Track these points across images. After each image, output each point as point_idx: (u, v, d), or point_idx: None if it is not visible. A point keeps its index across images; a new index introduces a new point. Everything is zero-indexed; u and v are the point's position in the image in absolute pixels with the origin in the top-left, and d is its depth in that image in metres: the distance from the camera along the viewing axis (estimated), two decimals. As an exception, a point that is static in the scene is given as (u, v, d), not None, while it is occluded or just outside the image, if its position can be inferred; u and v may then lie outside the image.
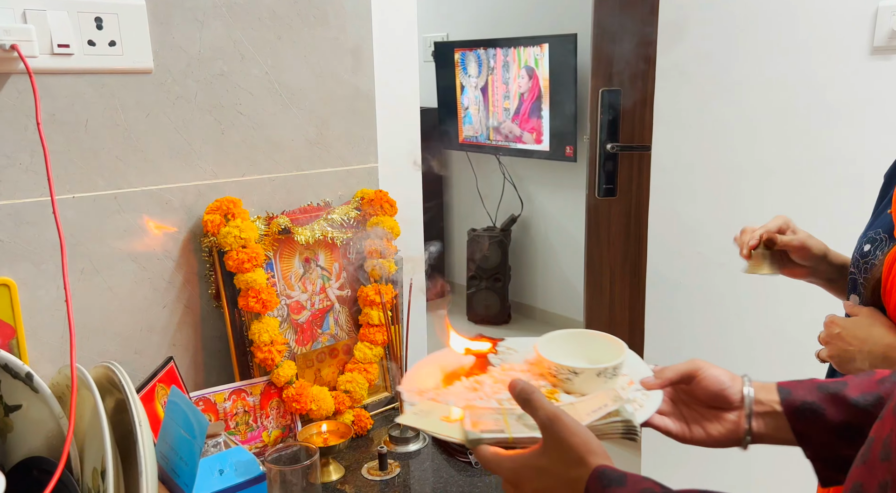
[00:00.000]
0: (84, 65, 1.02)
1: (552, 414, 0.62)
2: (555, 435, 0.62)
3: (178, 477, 0.77)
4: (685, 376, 0.74)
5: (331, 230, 1.27)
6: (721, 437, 0.72)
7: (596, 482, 0.59)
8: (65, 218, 1.03)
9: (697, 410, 0.75)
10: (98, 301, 1.09)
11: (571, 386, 0.77)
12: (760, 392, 0.71)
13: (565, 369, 0.77)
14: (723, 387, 0.72)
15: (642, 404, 0.73)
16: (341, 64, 1.30)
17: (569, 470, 0.61)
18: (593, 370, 0.76)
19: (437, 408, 0.74)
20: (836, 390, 0.67)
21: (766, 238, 0.99)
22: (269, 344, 1.16)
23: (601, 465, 0.60)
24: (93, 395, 0.77)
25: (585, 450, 0.61)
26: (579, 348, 0.83)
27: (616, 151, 2.65)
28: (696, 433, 0.73)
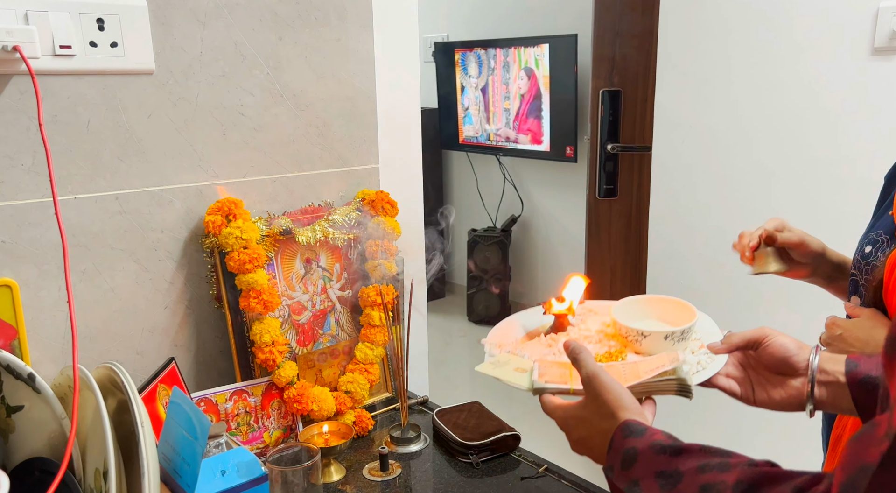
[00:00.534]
0: (86, 66, 1.02)
1: (591, 372, 0.70)
2: (592, 391, 0.70)
3: (180, 478, 0.77)
4: (752, 341, 0.78)
5: (332, 231, 1.27)
6: (783, 401, 0.76)
7: (619, 433, 0.65)
8: (66, 219, 1.03)
9: (763, 375, 0.78)
10: (99, 302, 1.09)
11: (640, 347, 0.84)
12: (827, 362, 0.74)
13: (634, 332, 0.83)
14: (788, 354, 0.75)
15: (705, 366, 0.78)
16: (343, 65, 1.30)
17: (602, 422, 0.68)
18: (661, 334, 0.82)
19: (512, 360, 0.83)
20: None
21: (765, 236, 0.99)
22: (270, 345, 1.16)
23: (629, 419, 0.66)
24: (95, 396, 0.77)
25: (616, 405, 0.68)
26: (655, 313, 0.89)
27: (616, 152, 2.65)
28: (759, 396, 0.77)
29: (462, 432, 1.20)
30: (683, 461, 0.59)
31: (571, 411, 0.72)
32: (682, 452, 0.60)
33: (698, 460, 0.59)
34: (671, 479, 0.59)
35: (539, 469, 1.13)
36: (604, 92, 2.63)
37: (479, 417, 1.25)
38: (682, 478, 0.58)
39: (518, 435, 1.20)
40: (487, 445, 1.17)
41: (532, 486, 1.09)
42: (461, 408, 1.29)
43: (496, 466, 1.15)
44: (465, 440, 1.17)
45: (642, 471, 0.61)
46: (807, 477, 0.50)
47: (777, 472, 0.53)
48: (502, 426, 1.22)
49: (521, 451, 1.19)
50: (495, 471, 1.14)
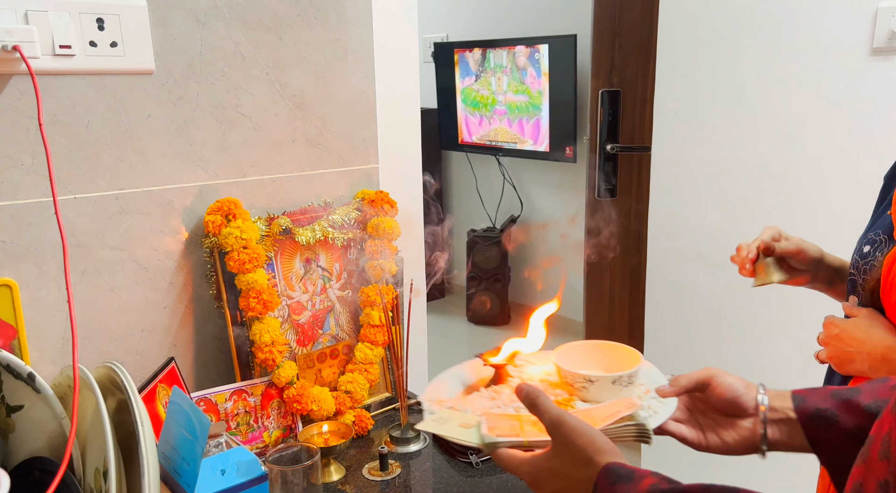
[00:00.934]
0: (86, 66, 1.02)
1: (556, 417, 0.65)
2: (562, 438, 0.64)
3: (180, 477, 0.77)
4: (699, 383, 0.75)
5: (331, 231, 1.27)
6: (736, 444, 0.73)
7: (604, 480, 0.60)
8: (66, 219, 1.04)
9: (712, 417, 0.76)
10: (99, 302, 1.09)
11: (587, 394, 0.80)
12: (775, 400, 0.72)
13: (581, 378, 0.79)
14: (737, 394, 0.73)
15: (657, 411, 0.75)
16: (342, 65, 1.30)
17: (579, 471, 0.63)
18: (608, 379, 0.79)
19: (455, 416, 0.77)
20: (849, 397, 0.68)
21: (763, 247, 0.99)
22: (269, 345, 1.16)
23: (610, 462, 0.61)
24: (95, 395, 0.77)
25: (592, 450, 0.62)
26: (597, 359, 0.86)
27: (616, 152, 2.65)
28: (711, 441, 0.75)
29: (462, 431, 1.20)
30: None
31: (539, 463, 0.66)
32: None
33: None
34: None
35: (539, 469, 1.13)
36: (603, 92, 2.63)
37: (478, 417, 1.25)
38: None
39: (518, 435, 1.20)
40: (487, 445, 1.17)
41: (532, 486, 1.09)
42: (461, 408, 1.29)
43: (496, 466, 1.15)
44: (465, 440, 1.17)
45: None
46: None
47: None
48: (502, 425, 1.22)
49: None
50: (495, 471, 1.14)
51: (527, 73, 3.76)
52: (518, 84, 3.82)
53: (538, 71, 3.65)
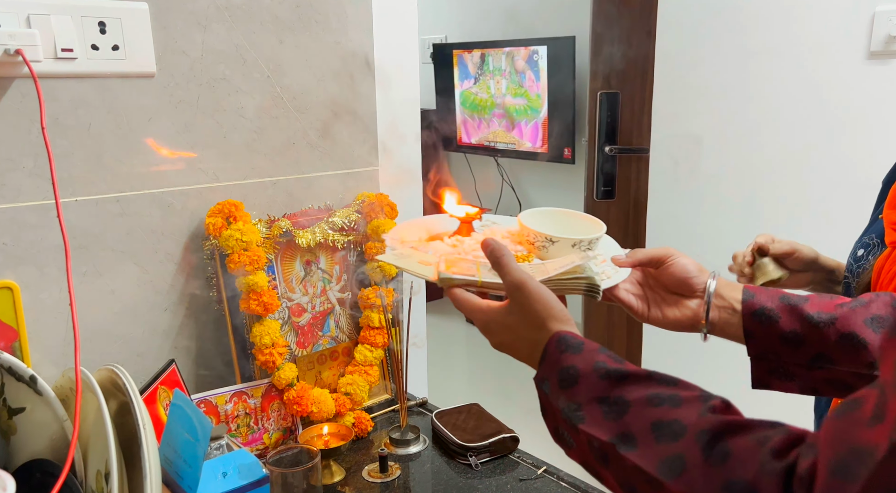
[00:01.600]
0: (87, 69, 1.02)
1: (518, 280, 0.66)
2: (520, 299, 0.66)
3: (182, 480, 0.78)
4: (655, 259, 0.79)
5: (332, 233, 1.27)
6: (675, 320, 0.78)
7: (554, 346, 0.62)
8: (67, 221, 1.04)
9: (660, 294, 0.80)
10: (100, 304, 1.10)
11: (546, 254, 0.82)
12: (725, 288, 0.76)
13: (542, 237, 0.81)
14: (688, 275, 0.77)
15: (609, 276, 0.78)
16: (342, 68, 1.31)
17: (530, 332, 0.65)
18: (569, 240, 0.80)
19: (416, 254, 0.79)
20: (795, 303, 0.72)
21: (757, 248, 1.00)
22: (270, 346, 1.17)
23: (561, 330, 0.63)
24: (97, 397, 0.77)
25: (546, 315, 0.65)
26: (561, 225, 0.87)
27: (614, 154, 2.66)
28: (654, 314, 0.79)
29: (461, 433, 1.21)
30: (630, 389, 0.56)
31: (493, 314, 0.68)
32: (628, 377, 0.57)
33: (647, 389, 0.55)
34: (616, 407, 0.55)
35: (538, 471, 1.14)
36: (602, 94, 2.64)
37: (478, 418, 1.26)
38: (629, 408, 0.55)
39: (517, 437, 1.21)
40: (486, 446, 1.18)
41: (531, 487, 1.10)
42: (460, 410, 1.30)
43: (495, 467, 1.16)
44: (465, 442, 1.18)
45: (584, 395, 0.57)
46: (781, 436, 0.47)
47: (743, 421, 0.50)
48: (501, 427, 1.22)
49: (519, 452, 1.20)
50: (494, 472, 1.14)
51: (525, 77, 3.76)
52: (517, 87, 3.83)
53: (536, 74, 3.66)
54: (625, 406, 0.55)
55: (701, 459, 0.48)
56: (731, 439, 0.48)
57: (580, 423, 0.56)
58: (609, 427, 0.55)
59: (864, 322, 0.68)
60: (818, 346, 0.69)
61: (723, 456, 0.47)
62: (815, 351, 0.70)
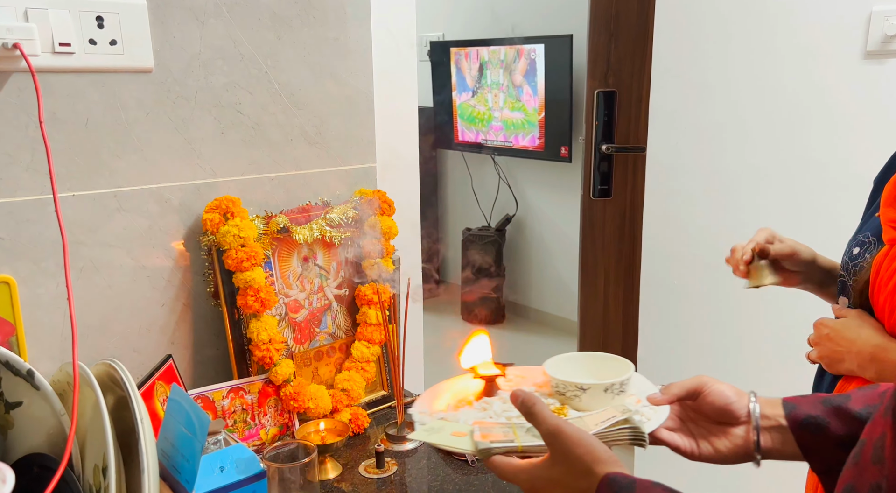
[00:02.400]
0: (85, 64, 1.02)
1: (554, 427, 0.64)
2: (560, 448, 0.63)
3: (180, 474, 0.78)
4: (691, 392, 0.76)
5: (329, 230, 1.27)
6: (729, 452, 0.73)
7: (605, 489, 0.60)
8: (65, 216, 1.04)
9: (704, 426, 0.76)
10: (97, 299, 1.10)
11: (579, 403, 0.80)
12: (766, 407, 0.72)
13: (573, 386, 0.79)
14: (728, 402, 0.73)
15: (649, 418, 0.75)
16: (340, 64, 1.31)
17: (578, 481, 0.62)
18: (601, 386, 0.78)
19: (447, 425, 0.77)
20: (839, 404, 0.68)
21: (758, 249, 1.00)
22: (267, 342, 1.17)
23: (610, 472, 0.61)
24: (94, 392, 0.77)
25: (591, 459, 0.62)
26: (588, 369, 0.86)
27: (611, 152, 2.66)
28: (704, 449, 0.74)
29: (458, 430, 1.21)
30: None
31: (537, 471, 0.65)
32: None
33: None
34: None
35: (534, 467, 1.14)
36: (599, 92, 2.64)
37: (474, 415, 1.26)
38: None
39: (513, 433, 1.21)
40: (483, 443, 1.18)
41: (527, 483, 1.10)
42: (457, 406, 1.30)
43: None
44: (461, 438, 1.18)
45: None
46: None
47: None
48: (497, 424, 1.23)
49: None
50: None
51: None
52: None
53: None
54: None
55: None
56: None
57: None
58: None
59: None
60: None
61: None
62: None
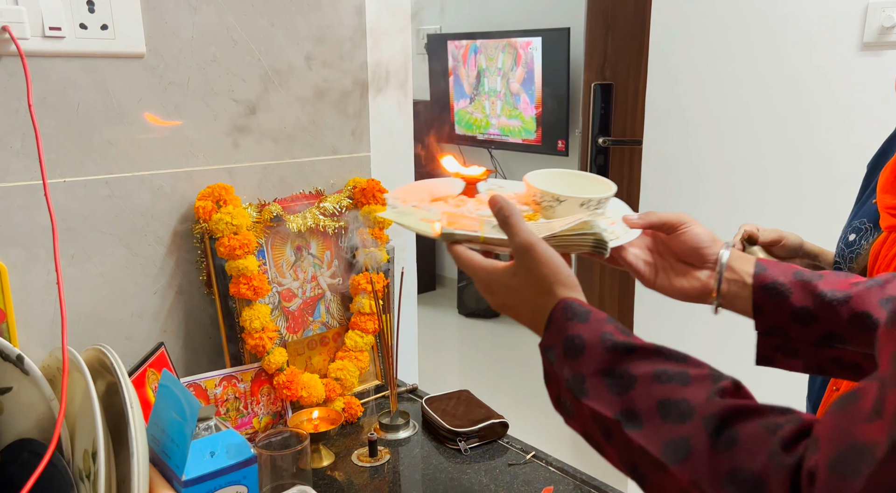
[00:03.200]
0: (76, 48, 1.01)
1: (527, 242, 0.63)
2: (527, 262, 0.63)
3: (170, 459, 0.77)
4: (668, 224, 0.76)
5: (323, 219, 1.27)
6: (683, 290, 0.75)
7: (560, 313, 0.60)
8: (56, 202, 1.03)
9: (669, 261, 0.77)
10: (89, 286, 1.09)
11: (553, 214, 0.78)
12: (736, 261, 0.73)
13: (549, 196, 0.77)
14: (701, 245, 0.74)
15: (618, 236, 0.74)
16: (334, 52, 1.30)
17: (536, 297, 0.62)
18: (577, 200, 0.77)
19: (417, 212, 0.76)
20: (809, 279, 0.69)
21: (746, 236, 1.00)
22: (260, 331, 1.16)
23: (568, 297, 0.61)
24: (84, 377, 0.77)
25: (554, 279, 0.62)
26: (569, 186, 0.84)
27: (607, 146, 2.66)
28: (661, 281, 0.76)
29: (451, 419, 1.21)
30: (637, 364, 0.54)
31: (496, 274, 0.66)
32: (636, 351, 0.55)
33: (654, 364, 0.53)
34: (622, 381, 0.53)
35: (526, 456, 1.14)
36: (596, 85, 2.64)
37: (467, 404, 1.26)
38: (636, 384, 0.53)
39: (506, 423, 1.21)
40: (476, 432, 1.18)
41: (519, 472, 1.10)
42: (450, 396, 1.30)
43: (484, 452, 1.16)
44: (454, 427, 1.18)
45: (589, 366, 0.56)
46: (791, 425, 0.45)
47: (753, 406, 0.48)
48: (490, 413, 1.23)
49: (508, 438, 1.20)
50: (483, 458, 1.15)
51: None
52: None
53: (531, 64, 3.65)
54: (631, 381, 0.53)
55: (708, 444, 0.46)
56: (740, 424, 0.46)
57: (584, 397, 0.55)
58: (613, 402, 0.53)
59: (879, 302, 0.65)
60: (829, 324, 0.66)
61: (730, 443, 0.46)
62: (825, 329, 0.67)
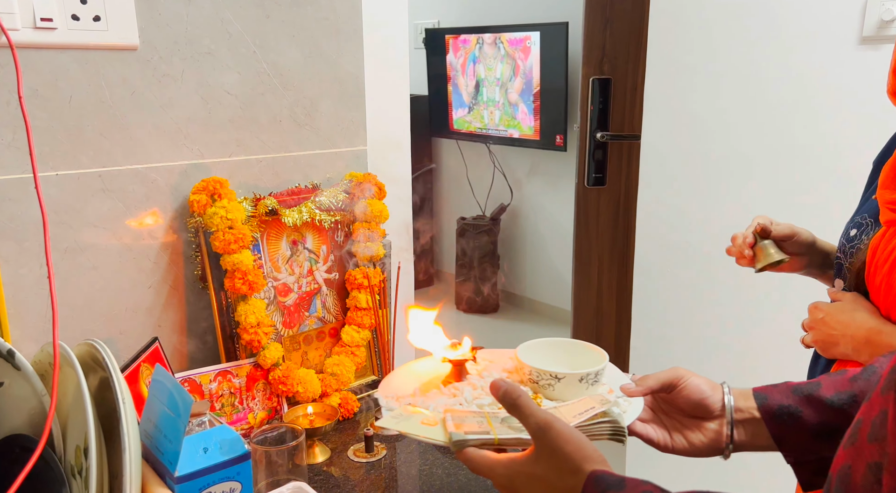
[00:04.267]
0: (68, 40, 1.00)
1: (544, 421, 0.60)
2: (548, 443, 0.60)
3: (163, 455, 0.77)
4: (666, 384, 0.75)
5: (319, 213, 1.26)
6: (703, 445, 0.72)
7: (592, 488, 0.57)
8: (48, 196, 1.02)
9: (678, 418, 0.75)
10: (82, 280, 1.08)
11: (552, 392, 0.78)
12: (739, 400, 0.71)
13: (547, 375, 0.77)
14: (704, 396, 0.72)
15: (625, 410, 0.73)
16: (330, 45, 1.29)
17: (564, 479, 0.59)
18: (575, 376, 0.76)
19: (416, 414, 0.73)
20: (810, 392, 0.68)
21: (759, 229, 0.99)
22: (255, 326, 1.15)
23: (597, 470, 0.58)
24: (76, 372, 0.76)
25: (580, 457, 0.59)
26: (559, 357, 0.83)
27: (606, 140, 2.65)
28: (677, 442, 0.74)
29: (447, 414, 1.20)
30: None
31: (518, 466, 0.61)
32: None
33: None
34: None
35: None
36: (594, 80, 2.63)
37: (464, 400, 1.25)
38: None
39: (503, 418, 1.20)
40: (473, 427, 1.17)
41: (516, 468, 1.09)
42: (447, 391, 1.29)
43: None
44: (451, 423, 1.17)
45: None
46: None
47: None
48: (488, 409, 1.22)
49: (506, 434, 1.19)
50: (480, 453, 1.14)
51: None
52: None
53: (529, 59, 3.64)
54: None
55: None
56: None
57: None
58: None
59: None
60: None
61: None
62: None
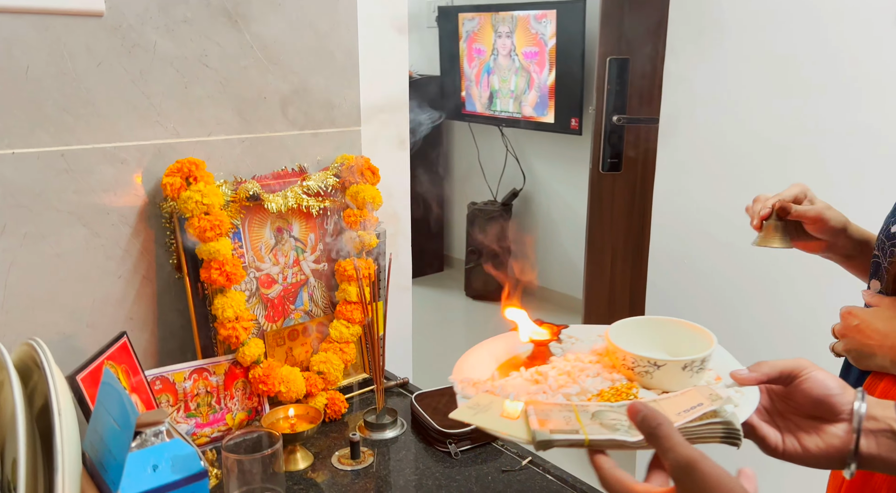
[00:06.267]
0: (23, 3, 0.91)
1: (688, 458, 0.52)
2: (690, 485, 0.52)
3: (106, 473, 0.68)
4: (785, 374, 0.62)
5: (306, 198, 1.16)
6: (819, 453, 0.60)
7: None
8: (4, 176, 0.93)
9: (793, 419, 0.63)
10: (44, 269, 0.99)
11: (650, 381, 0.67)
12: (876, 408, 0.59)
13: (645, 361, 0.66)
14: (829, 393, 0.60)
15: (737, 404, 0.61)
16: (322, 15, 1.18)
17: None
18: (678, 363, 0.65)
19: (495, 402, 0.64)
20: None
21: (778, 207, 0.88)
22: (233, 320, 1.07)
23: None
24: (9, 377, 0.67)
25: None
26: (655, 338, 0.73)
27: (622, 124, 2.53)
28: (789, 446, 0.61)
29: (441, 418, 1.11)
30: None
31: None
32: None
33: None
34: None
35: (522, 462, 1.04)
36: (611, 60, 2.50)
37: (460, 402, 1.16)
38: None
39: (501, 424, 1.11)
40: (468, 434, 1.08)
41: (513, 479, 1.01)
42: (443, 392, 1.20)
43: (476, 456, 1.06)
44: (445, 428, 1.08)
45: None
46: None
47: None
48: (485, 413, 1.13)
49: (503, 442, 1.10)
50: (475, 462, 1.05)
51: (533, 40, 3.62)
52: (523, 51, 3.70)
53: (545, 38, 3.51)
54: None
55: None
56: None
57: None
58: None
59: None
60: None
61: None
62: None
